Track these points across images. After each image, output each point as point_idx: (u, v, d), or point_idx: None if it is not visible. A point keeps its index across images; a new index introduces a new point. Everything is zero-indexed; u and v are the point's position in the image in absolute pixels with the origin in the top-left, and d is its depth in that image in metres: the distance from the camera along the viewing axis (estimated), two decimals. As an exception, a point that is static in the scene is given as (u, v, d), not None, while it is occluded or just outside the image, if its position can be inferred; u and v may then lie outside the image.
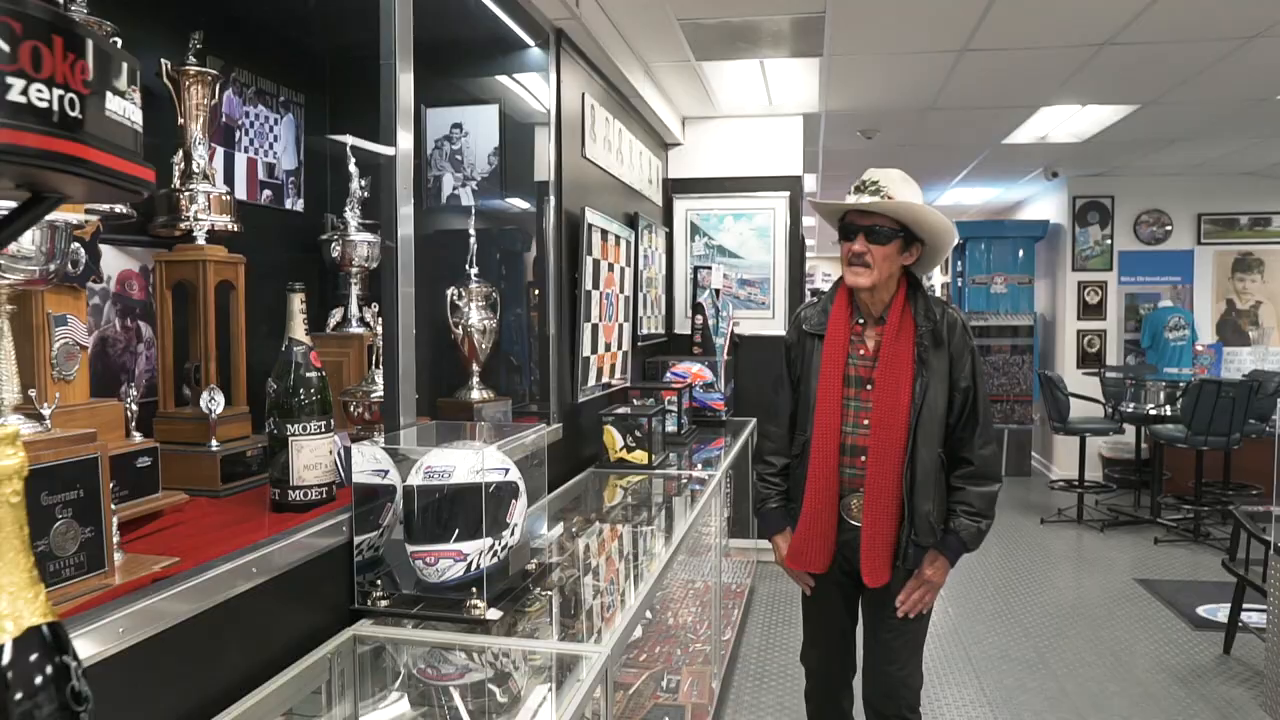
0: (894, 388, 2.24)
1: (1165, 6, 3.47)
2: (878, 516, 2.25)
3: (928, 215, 2.24)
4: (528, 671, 1.78)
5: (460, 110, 3.15)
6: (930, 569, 2.30)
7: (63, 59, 0.79)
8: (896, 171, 2.29)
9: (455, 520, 1.78)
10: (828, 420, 2.30)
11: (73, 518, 1.29)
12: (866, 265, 2.23)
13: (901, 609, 2.32)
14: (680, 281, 5.51)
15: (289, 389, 1.85)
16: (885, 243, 2.23)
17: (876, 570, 2.28)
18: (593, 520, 2.98)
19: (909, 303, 2.31)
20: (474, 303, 2.87)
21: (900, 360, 2.25)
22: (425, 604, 1.83)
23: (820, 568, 2.36)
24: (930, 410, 2.25)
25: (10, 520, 0.78)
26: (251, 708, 1.51)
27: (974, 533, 2.29)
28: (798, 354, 2.45)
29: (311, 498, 1.85)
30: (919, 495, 2.26)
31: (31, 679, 0.77)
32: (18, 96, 0.75)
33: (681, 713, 3.10)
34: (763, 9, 3.54)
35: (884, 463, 2.24)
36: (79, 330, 1.69)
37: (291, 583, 1.69)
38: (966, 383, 2.30)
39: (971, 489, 2.30)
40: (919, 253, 2.31)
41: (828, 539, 2.32)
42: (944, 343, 2.28)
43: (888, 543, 2.27)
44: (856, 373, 2.32)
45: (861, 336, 2.34)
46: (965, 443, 2.31)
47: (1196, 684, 3.82)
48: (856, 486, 2.30)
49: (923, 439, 2.25)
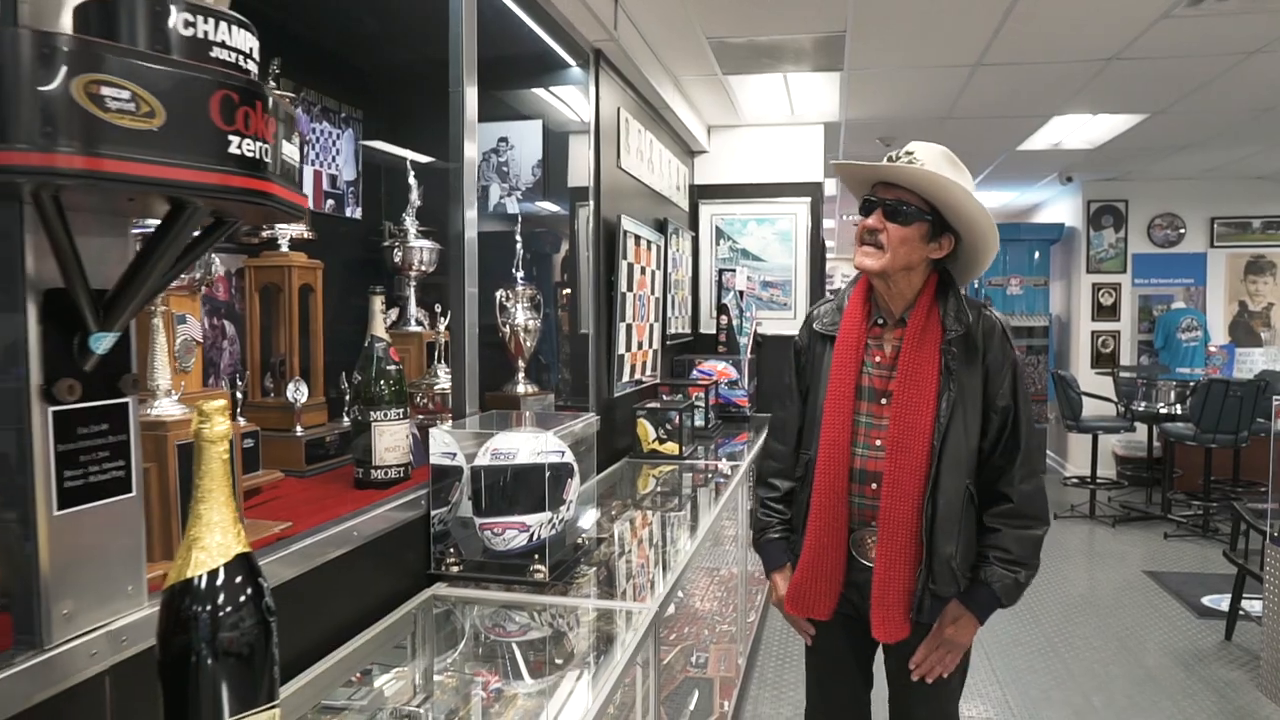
0: (914, 404, 1.88)
1: (1165, 26, 3.67)
2: (893, 558, 1.89)
3: (963, 199, 1.86)
4: (581, 628, 2.02)
5: (507, 125, 3.41)
6: (952, 626, 1.92)
7: (261, 119, 1.04)
8: (940, 148, 1.93)
9: (519, 496, 2.03)
10: (834, 436, 1.95)
11: (216, 484, 1.54)
12: (879, 246, 1.89)
13: (916, 672, 1.97)
14: (706, 283, 5.74)
15: (371, 379, 2.09)
16: (906, 223, 1.87)
17: (889, 623, 1.91)
18: (629, 505, 3.22)
19: (937, 302, 1.94)
20: (520, 304, 3.11)
21: (923, 371, 1.89)
22: (492, 569, 2.07)
23: (824, 614, 2.01)
24: (958, 433, 1.89)
25: (221, 473, 1.02)
26: (348, 655, 1.75)
27: (1009, 585, 1.89)
28: (808, 359, 2.12)
29: (391, 476, 2.09)
30: (940, 535, 1.88)
31: (241, 592, 1.02)
32: (235, 150, 1.01)
33: (710, 685, 3.34)
34: (787, 29, 3.77)
35: (900, 493, 1.88)
36: (195, 328, 1.95)
37: (378, 549, 1.93)
38: (1006, 402, 1.92)
39: (1009, 531, 1.89)
40: (950, 246, 1.93)
41: (834, 580, 1.97)
42: (979, 353, 1.92)
43: (903, 590, 1.89)
44: (871, 383, 1.97)
45: (879, 340, 1.99)
46: (1003, 474, 1.92)
47: (1197, 667, 4.02)
48: (869, 519, 1.95)
49: (947, 467, 1.88)
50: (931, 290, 1.95)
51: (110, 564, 1.16)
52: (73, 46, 0.88)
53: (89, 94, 0.88)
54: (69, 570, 1.09)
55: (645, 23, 3.63)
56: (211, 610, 1.00)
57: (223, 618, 1.00)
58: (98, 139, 0.89)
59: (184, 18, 0.99)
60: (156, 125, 0.93)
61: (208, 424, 1.01)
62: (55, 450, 1.08)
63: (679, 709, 3.07)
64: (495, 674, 1.81)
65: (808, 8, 3.50)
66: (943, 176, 1.85)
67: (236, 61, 1.04)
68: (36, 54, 0.86)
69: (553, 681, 1.77)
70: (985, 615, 1.92)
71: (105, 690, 1.16)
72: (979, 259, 1.98)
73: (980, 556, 1.93)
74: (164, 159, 0.93)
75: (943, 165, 1.89)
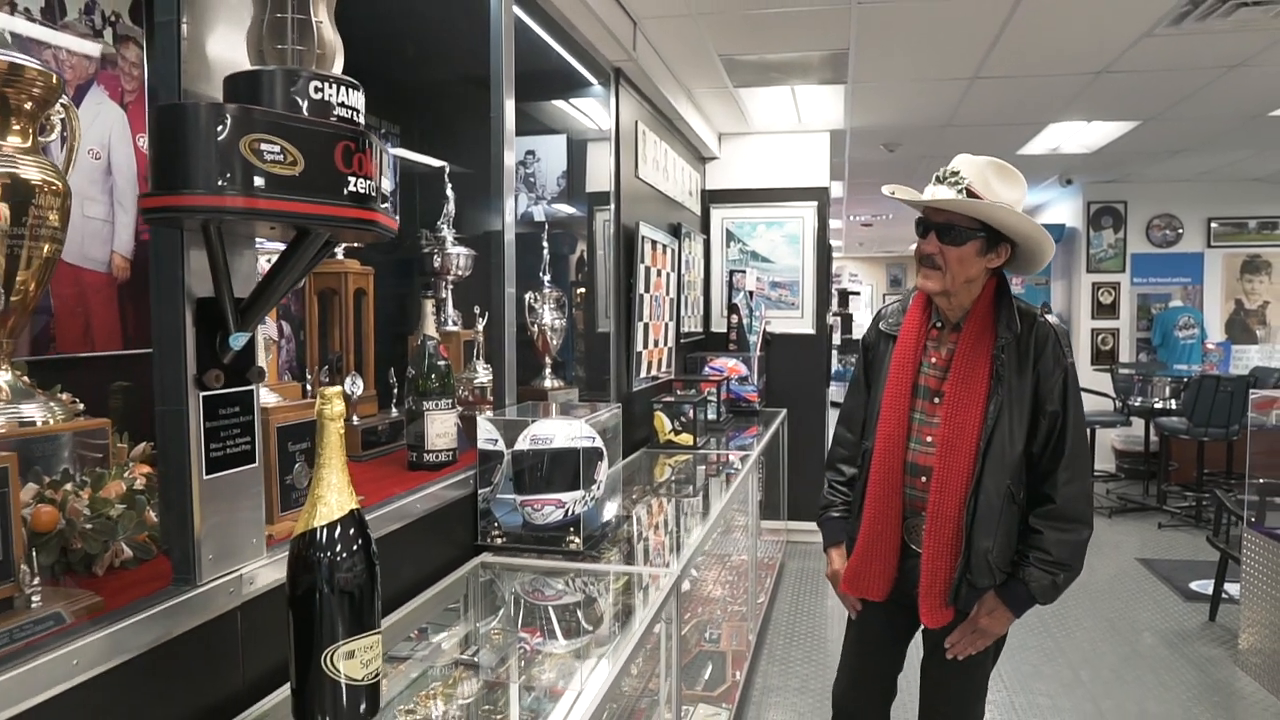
0: (964, 404, 1.99)
1: (1150, 43, 3.92)
2: (939, 550, 2.01)
3: (1008, 218, 1.93)
4: (611, 591, 2.28)
5: (534, 139, 3.67)
6: (986, 617, 2.03)
7: (370, 160, 1.31)
8: (987, 160, 1.99)
9: (555, 476, 2.29)
10: (890, 430, 2.08)
11: (306, 461, 1.81)
12: (937, 268, 1.98)
13: (951, 651, 2.09)
14: (717, 284, 6.00)
15: (424, 373, 2.36)
16: (961, 243, 1.95)
17: (935, 610, 2.04)
18: (648, 490, 3.48)
19: (993, 309, 2.03)
20: (546, 305, 3.37)
21: (975, 374, 1.99)
22: (531, 540, 2.34)
23: (880, 595, 2.14)
24: (1003, 434, 1.98)
25: (337, 445, 1.29)
26: (408, 614, 2.01)
27: (1046, 586, 1.98)
28: (874, 355, 2.25)
29: (441, 459, 2.36)
30: (979, 530, 1.98)
31: (355, 541, 1.29)
32: (351, 188, 1.28)
33: (723, 658, 3.60)
34: (793, 47, 4.03)
35: (947, 488, 1.99)
36: (271, 327, 2.22)
37: (431, 523, 2.19)
38: (1055, 407, 1.99)
39: (1051, 534, 1.98)
40: (1007, 254, 2.01)
41: (888, 564, 2.10)
42: (1029, 359, 2.00)
43: (947, 580, 2.01)
44: (926, 383, 2.09)
45: (937, 342, 2.10)
46: (1048, 476, 2.00)
47: (1180, 645, 4.28)
48: (920, 509, 2.07)
49: (991, 467, 1.97)
50: (989, 297, 2.04)
51: (241, 520, 1.43)
52: (238, 113, 1.15)
53: (252, 149, 1.15)
54: (213, 524, 1.36)
55: (662, 43, 3.90)
56: (330, 554, 1.27)
57: (339, 561, 1.27)
58: (255, 184, 1.15)
59: (313, 84, 1.25)
60: (297, 171, 1.20)
61: (328, 406, 1.28)
62: (204, 427, 1.34)
63: (695, 678, 3.34)
64: (537, 630, 2.08)
65: (813, 28, 3.76)
66: (984, 204, 1.91)
67: (351, 117, 1.30)
68: (214, 120, 1.13)
69: (590, 631, 2.03)
70: (1021, 611, 2.02)
71: (237, 622, 1.43)
72: (1036, 260, 2.04)
73: (1021, 555, 2.01)
74: (302, 198, 1.20)
75: (990, 180, 1.95)
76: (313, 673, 1.25)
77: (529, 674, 1.88)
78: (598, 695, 1.56)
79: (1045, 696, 3.73)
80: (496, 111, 2.69)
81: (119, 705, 1.21)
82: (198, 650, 1.34)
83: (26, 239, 1.44)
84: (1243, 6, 3.44)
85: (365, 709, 1.29)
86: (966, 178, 1.93)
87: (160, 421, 1.34)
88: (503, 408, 2.61)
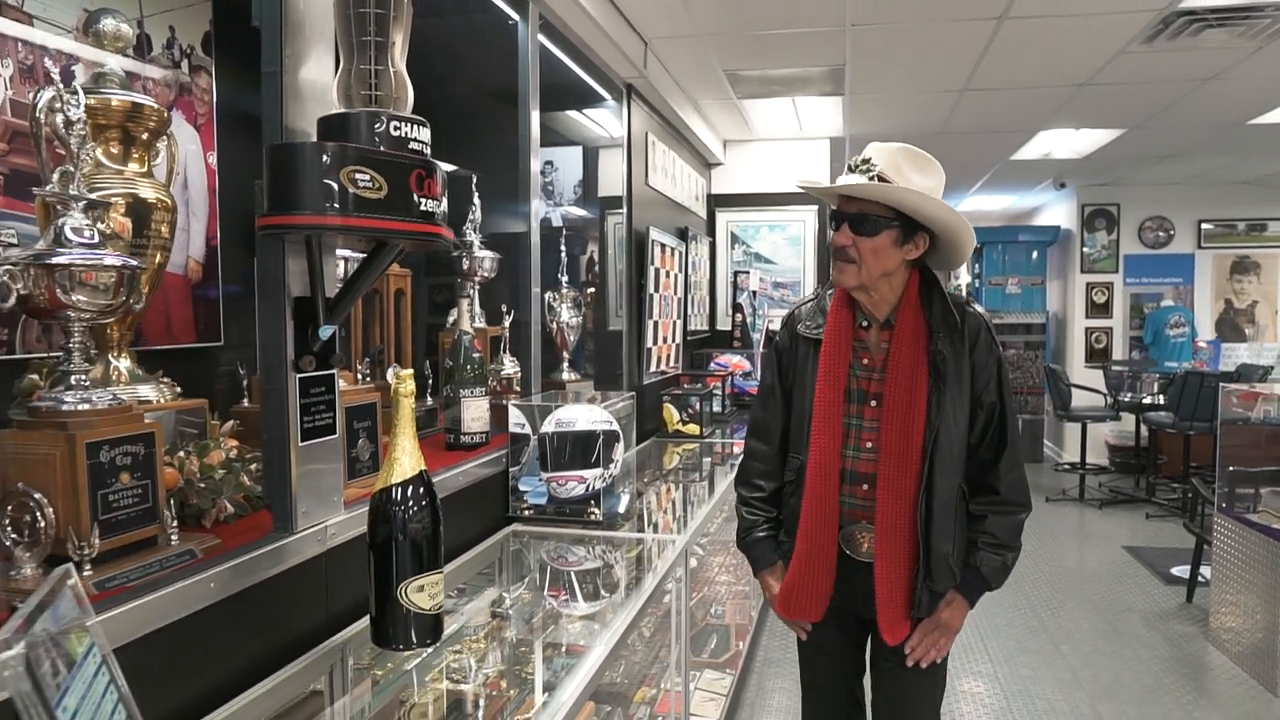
0: (905, 406, 1.90)
1: (1126, 59, 4.19)
2: (894, 562, 1.92)
3: (921, 203, 1.85)
4: (628, 557, 2.57)
5: (552, 150, 3.96)
6: (946, 610, 1.98)
7: (435, 184, 1.60)
8: (900, 146, 1.90)
9: (578, 455, 2.58)
10: (826, 443, 1.96)
11: (367, 437, 2.10)
12: (852, 261, 1.89)
13: (912, 657, 1.99)
14: (722, 284, 6.29)
15: (461, 363, 2.65)
16: (875, 234, 1.86)
17: (896, 624, 1.96)
18: (658, 474, 3.77)
19: (922, 303, 1.95)
20: (564, 304, 3.66)
21: (914, 373, 1.91)
22: (556, 512, 2.63)
23: (816, 616, 2.04)
24: (949, 433, 1.91)
25: (409, 416, 1.58)
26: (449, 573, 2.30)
27: (997, 567, 1.96)
28: (790, 360, 2.11)
29: (475, 441, 2.65)
30: (936, 534, 1.91)
31: (423, 498, 1.58)
32: (422, 208, 1.56)
33: (728, 630, 3.89)
34: (793, 63, 4.31)
35: (896, 494, 1.90)
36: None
37: (468, 496, 2.48)
38: (992, 398, 1.95)
39: (995, 518, 1.96)
40: (925, 244, 1.92)
41: (826, 580, 1.99)
42: (964, 350, 1.93)
43: (906, 591, 1.94)
44: (859, 386, 1.97)
45: (865, 342, 2.00)
46: (989, 468, 1.97)
47: (1157, 623, 4.56)
48: (858, 517, 1.98)
49: (941, 467, 1.90)
50: (915, 290, 1.95)
51: (325, 482, 1.72)
52: (337, 150, 1.44)
53: (349, 178, 1.44)
54: (305, 483, 1.66)
55: (671, 61, 4.19)
56: (404, 508, 1.55)
57: (411, 514, 1.55)
58: (350, 205, 1.44)
59: (394, 123, 1.54)
60: (382, 195, 1.49)
61: (403, 384, 1.57)
62: (299, 403, 1.64)
63: (702, 647, 3.63)
64: (563, 590, 2.37)
65: (811, 46, 4.04)
66: (895, 188, 1.83)
67: (422, 150, 1.59)
68: (320, 156, 1.42)
69: (611, 590, 2.32)
70: (975, 598, 1.99)
71: (322, 567, 1.72)
72: (957, 251, 1.97)
73: (970, 543, 1.98)
74: (385, 216, 1.49)
75: (901, 167, 1.87)
76: (390, 603, 1.54)
77: (557, 625, 2.18)
78: (620, 629, 1.86)
79: (1027, 668, 4.01)
80: (524, 127, 2.97)
81: (240, 624, 1.51)
82: (295, 587, 1.64)
83: (147, 249, 1.74)
84: (1209, 28, 3.72)
85: (431, 634, 1.58)
86: (878, 164, 1.86)
87: (265, 398, 1.63)
88: (529, 395, 2.90)
